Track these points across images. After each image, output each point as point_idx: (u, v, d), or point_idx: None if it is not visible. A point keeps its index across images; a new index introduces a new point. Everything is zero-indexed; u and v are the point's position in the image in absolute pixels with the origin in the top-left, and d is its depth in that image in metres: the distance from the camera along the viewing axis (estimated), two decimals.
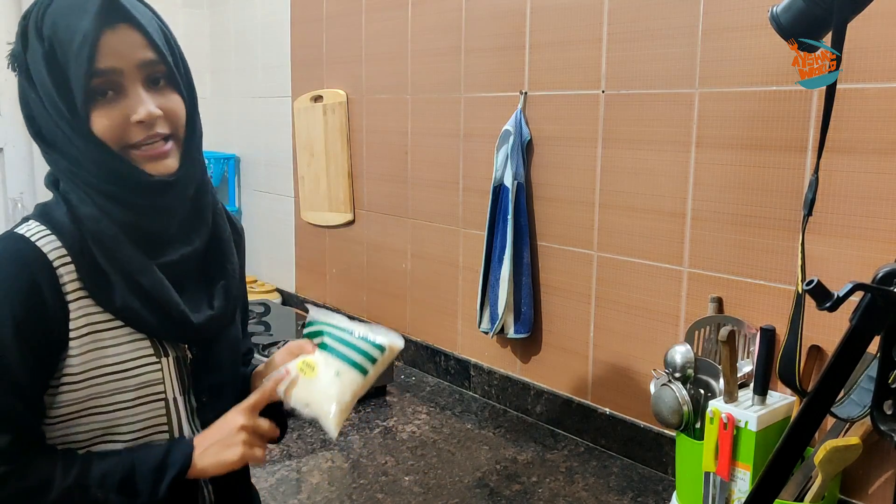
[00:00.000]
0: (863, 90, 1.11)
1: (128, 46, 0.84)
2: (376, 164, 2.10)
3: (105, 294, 0.88)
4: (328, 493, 1.32)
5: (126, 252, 0.87)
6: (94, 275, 0.88)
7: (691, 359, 1.23)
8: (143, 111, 0.84)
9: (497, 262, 1.64)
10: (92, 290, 0.88)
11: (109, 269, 0.87)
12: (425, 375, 1.95)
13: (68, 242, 0.87)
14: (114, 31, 0.83)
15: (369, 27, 2.08)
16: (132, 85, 0.84)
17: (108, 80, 0.83)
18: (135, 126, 0.84)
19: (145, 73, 0.85)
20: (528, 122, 1.61)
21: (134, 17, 0.84)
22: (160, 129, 0.86)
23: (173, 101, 0.88)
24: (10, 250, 0.86)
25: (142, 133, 0.85)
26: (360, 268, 2.20)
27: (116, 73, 0.83)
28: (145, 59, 0.84)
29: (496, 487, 1.34)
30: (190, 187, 0.92)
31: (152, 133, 0.85)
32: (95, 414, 0.92)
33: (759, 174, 1.25)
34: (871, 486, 1.15)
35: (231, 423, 0.89)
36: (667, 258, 1.39)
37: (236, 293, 0.99)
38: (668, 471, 1.40)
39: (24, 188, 2.73)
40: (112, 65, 0.83)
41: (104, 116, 0.84)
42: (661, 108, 1.37)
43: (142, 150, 0.86)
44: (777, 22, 0.92)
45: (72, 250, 0.87)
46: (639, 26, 1.40)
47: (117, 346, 0.91)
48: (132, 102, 0.84)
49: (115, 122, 0.84)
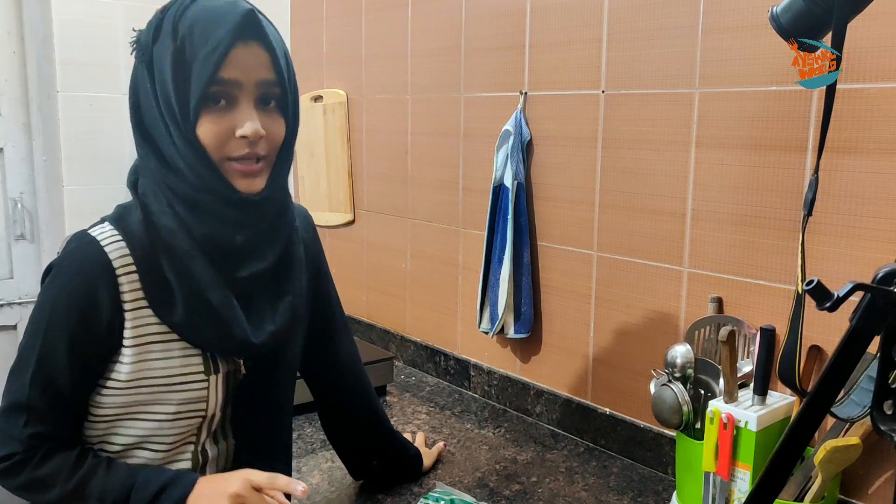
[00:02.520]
0: (863, 90, 1.11)
1: (253, 63, 0.87)
2: (376, 164, 2.10)
3: (165, 307, 0.89)
4: (328, 493, 1.32)
5: (197, 268, 0.88)
6: (157, 287, 0.89)
7: (691, 359, 1.23)
8: (250, 128, 0.86)
9: (497, 262, 1.64)
10: (153, 301, 0.89)
11: (176, 284, 0.88)
12: (425, 375, 1.95)
13: (137, 252, 0.88)
14: (246, 46, 0.86)
15: (369, 27, 2.08)
16: (246, 100, 0.87)
17: (226, 90, 0.86)
18: (237, 139, 0.86)
19: (261, 91, 0.88)
20: (528, 122, 1.61)
21: (267, 38, 0.88)
22: (259, 150, 0.88)
23: (277, 124, 0.91)
24: (78, 254, 0.88)
25: (242, 148, 0.87)
26: (360, 268, 2.20)
27: (236, 85, 0.86)
28: (265, 79, 0.88)
29: (496, 487, 1.34)
30: (271, 209, 0.93)
31: (252, 151, 0.88)
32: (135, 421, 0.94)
33: (759, 174, 1.25)
34: (871, 486, 1.15)
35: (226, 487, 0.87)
36: (667, 258, 1.39)
37: (301, 312, 0.99)
38: (668, 471, 1.40)
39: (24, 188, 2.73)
40: (234, 76, 0.85)
41: (212, 123, 0.87)
42: (661, 108, 1.37)
43: (237, 164, 0.88)
44: (777, 22, 0.92)
45: (139, 260, 0.88)
46: (639, 26, 1.40)
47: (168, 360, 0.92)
48: (242, 116, 0.86)
49: (221, 130, 0.86)
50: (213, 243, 0.89)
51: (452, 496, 1.25)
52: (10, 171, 2.69)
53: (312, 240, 1.14)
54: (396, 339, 2.07)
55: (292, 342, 1.03)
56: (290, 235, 0.99)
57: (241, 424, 0.98)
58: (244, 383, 0.97)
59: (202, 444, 0.97)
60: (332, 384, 1.24)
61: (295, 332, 1.01)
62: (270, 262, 0.93)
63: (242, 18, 0.85)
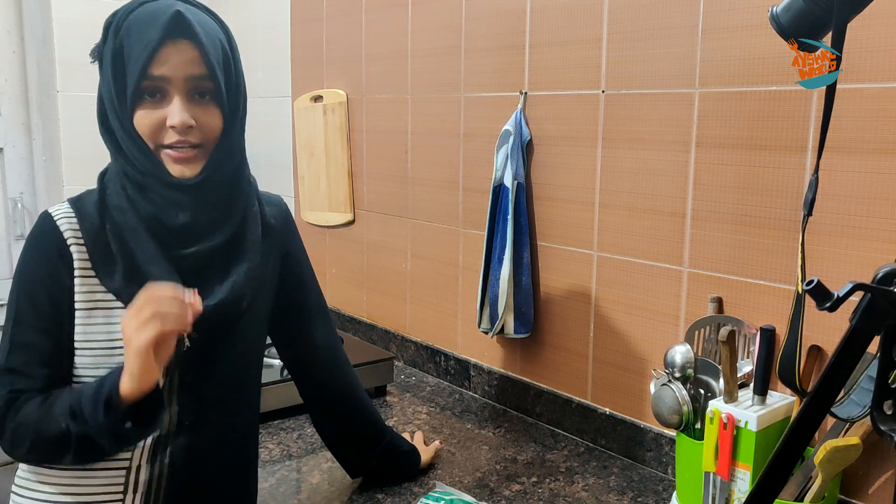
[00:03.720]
0: (863, 90, 1.11)
1: (181, 60, 0.95)
2: (376, 164, 2.10)
3: (109, 276, 0.98)
4: (328, 493, 1.32)
5: (140, 242, 0.97)
6: (103, 257, 0.98)
7: (691, 359, 1.23)
8: (177, 118, 0.95)
9: (497, 262, 1.64)
10: (98, 270, 0.98)
11: (119, 255, 0.97)
12: (425, 375, 1.95)
13: (86, 226, 0.99)
14: (175, 44, 0.94)
15: (369, 27, 2.08)
16: (177, 94, 0.96)
17: (157, 85, 0.95)
18: (169, 129, 0.96)
19: (191, 85, 0.97)
20: (528, 122, 1.62)
21: (196, 35, 0.95)
22: (190, 138, 0.97)
23: (212, 115, 0.99)
24: (36, 229, 1.01)
25: (174, 137, 0.96)
26: (360, 268, 2.21)
27: (165, 80, 0.95)
28: (194, 74, 0.97)
29: (496, 488, 1.34)
30: (213, 193, 1.01)
31: (182, 139, 0.97)
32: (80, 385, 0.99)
33: (759, 174, 1.25)
34: (871, 486, 1.15)
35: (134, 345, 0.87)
36: (667, 258, 1.39)
37: (246, 291, 1.04)
38: (668, 471, 1.40)
39: (24, 188, 2.73)
40: (163, 73, 0.94)
41: (146, 115, 0.96)
42: (661, 108, 1.37)
43: (171, 151, 0.97)
44: (777, 22, 0.92)
45: (87, 233, 0.99)
46: (639, 26, 1.40)
47: (110, 325, 0.99)
48: (171, 109, 0.96)
49: (153, 121, 0.96)
50: (159, 222, 0.98)
51: (452, 496, 1.25)
52: (10, 171, 2.69)
53: (283, 227, 1.18)
54: (397, 339, 2.07)
55: (245, 320, 1.08)
56: (245, 219, 1.06)
57: (185, 392, 1.04)
58: (189, 354, 1.02)
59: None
60: (309, 368, 1.28)
61: (243, 309, 1.05)
62: (218, 241, 1.01)
63: (171, 19, 0.93)
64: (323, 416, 1.31)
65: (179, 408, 1.03)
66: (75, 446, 0.91)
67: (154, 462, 1.02)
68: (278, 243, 1.16)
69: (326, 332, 1.28)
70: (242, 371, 1.12)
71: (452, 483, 1.35)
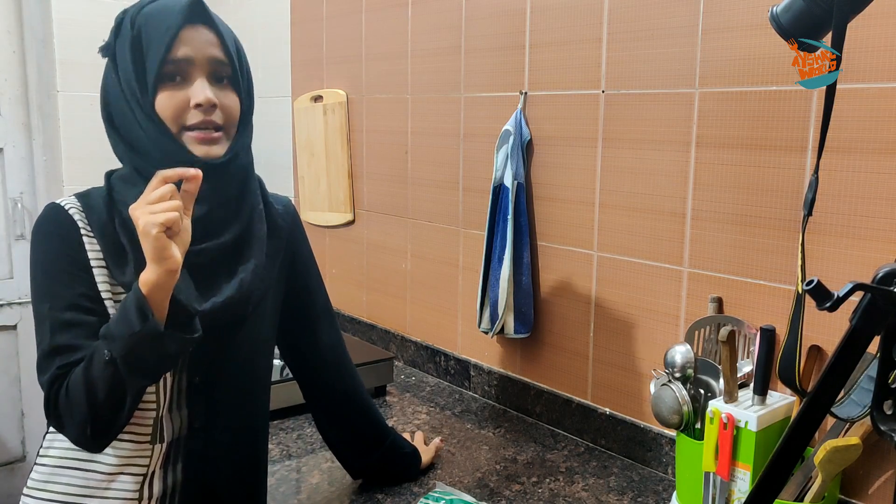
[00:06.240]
0: (863, 90, 1.11)
1: (202, 42, 0.96)
2: (376, 164, 2.11)
3: (120, 269, 0.97)
4: (328, 493, 1.32)
5: None
6: (113, 250, 0.98)
7: (691, 359, 1.23)
8: (203, 96, 0.95)
9: (497, 262, 1.64)
10: (109, 262, 0.97)
11: (129, 248, 0.97)
12: (425, 375, 1.95)
13: (94, 220, 0.98)
14: (194, 28, 0.96)
15: (369, 27, 2.08)
16: (199, 74, 0.97)
17: (179, 67, 0.96)
18: (193, 110, 0.96)
19: (212, 68, 0.98)
20: (528, 122, 1.62)
21: (213, 22, 0.98)
22: (215, 118, 0.97)
23: (231, 98, 1.00)
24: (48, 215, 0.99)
25: (198, 117, 0.96)
26: (360, 268, 2.21)
27: (188, 62, 0.96)
28: (215, 57, 0.97)
29: (496, 487, 1.34)
30: (232, 182, 1.02)
31: (207, 119, 0.97)
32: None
33: (759, 174, 1.25)
34: (871, 486, 1.15)
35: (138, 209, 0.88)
36: (667, 258, 1.39)
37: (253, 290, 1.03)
38: (668, 471, 1.40)
39: (24, 188, 2.73)
40: (186, 54, 0.95)
41: (169, 97, 0.95)
42: (661, 108, 1.37)
43: (195, 132, 0.97)
44: (777, 22, 0.92)
45: (95, 227, 0.98)
46: (639, 26, 1.40)
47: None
48: (195, 88, 0.96)
49: (176, 103, 0.95)
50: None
51: (452, 496, 1.25)
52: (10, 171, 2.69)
53: (291, 228, 1.18)
54: (397, 339, 2.07)
55: (253, 320, 1.06)
56: (252, 216, 1.06)
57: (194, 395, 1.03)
58: (197, 355, 1.01)
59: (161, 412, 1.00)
60: (316, 370, 1.27)
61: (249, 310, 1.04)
62: (227, 239, 1.01)
63: (189, 5, 0.95)
64: (327, 418, 1.30)
65: (189, 411, 1.02)
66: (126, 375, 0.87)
67: (167, 468, 1.01)
68: (285, 244, 1.15)
69: (331, 331, 1.27)
70: (251, 373, 1.11)
71: (452, 483, 1.35)
